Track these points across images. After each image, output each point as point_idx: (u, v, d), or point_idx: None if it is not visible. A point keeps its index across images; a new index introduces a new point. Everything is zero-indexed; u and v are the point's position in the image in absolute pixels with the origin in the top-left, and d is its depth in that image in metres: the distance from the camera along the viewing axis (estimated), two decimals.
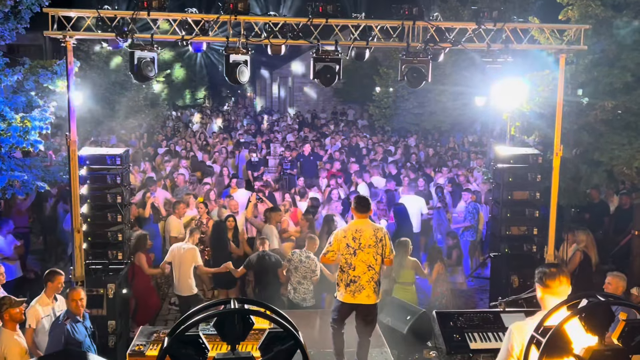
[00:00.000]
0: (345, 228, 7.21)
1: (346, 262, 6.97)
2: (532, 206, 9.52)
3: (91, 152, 9.05)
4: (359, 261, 6.91)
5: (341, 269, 7.06)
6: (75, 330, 6.67)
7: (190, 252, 9.28)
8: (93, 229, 8.71)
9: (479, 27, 8.54)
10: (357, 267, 6.92)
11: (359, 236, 6.95)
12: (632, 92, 9.62)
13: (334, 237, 7.12)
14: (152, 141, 21.01)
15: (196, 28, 8.06)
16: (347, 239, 6.98)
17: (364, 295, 6.93)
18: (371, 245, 6.93)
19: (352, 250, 6.92)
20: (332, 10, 8.13)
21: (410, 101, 23.06)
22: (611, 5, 9.85)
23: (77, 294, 6.84)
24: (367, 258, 6.92)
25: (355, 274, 6.93)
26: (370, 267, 6.93)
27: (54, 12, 8.00)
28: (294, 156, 17.70)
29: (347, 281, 6.97)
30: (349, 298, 6.98)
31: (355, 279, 6.93)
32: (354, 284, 6.93)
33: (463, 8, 21.40)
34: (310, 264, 8.99)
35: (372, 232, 6.98)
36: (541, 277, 4.21)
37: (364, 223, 7.05)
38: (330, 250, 7.06)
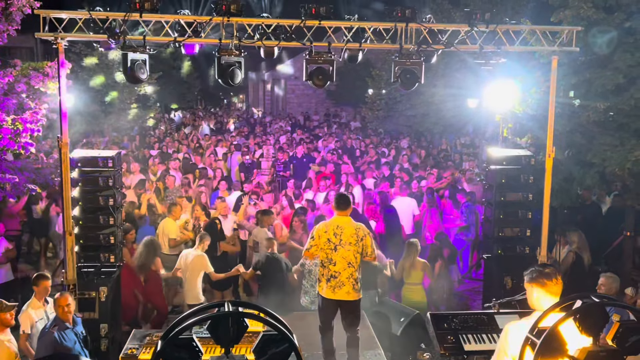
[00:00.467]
0: (326, 223, 7.31)
1: (327, 257, 7.07)
2: (525, 207, 9.54)
3: (83, 154, 8.99)
4: (339, 257, 7.01)
5: (322, 263, 7.15)
6: (63, 338, 6.57)
7: (198, 260, 9.20)
8: (85, 231, 8.66)
9: (472, 29, 8.56)
10: (338, 263, 7.02)
11: (340, 232, 7.05)
12: (624, 93, 9.65)
13: (315, 231, 7.22)
14: (145, 143, 20.93)
15: (188, 30, 8.03)
16: (328, 234, 7.08)
17: (343, 292, 7.03)
18: (352, 243, 7.03)
19: (333, 246, 7.02)
20: (325, 12, 8.14)
21: (402, 103, 23.09)
22: (603, 7, 9.88)
23: (64, 299, 6.75)
24: (348, 255, 7.01)
25: (335, 269, 7.03)
26: (350, 264, 7.02)
27: (46, 14, 7.95)
28: (286, 158, 17.68)
29: (328, 276, 7.08)
30: (330, 293, 7.09)
31: (335, 275, 7.03)
32: (335, 280, 7.04)
33: (455, 10, 21.46)
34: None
35: (354, 231, 7.08)
36: (537, 277, 4.21)
37: (345, 220, 7.15)
38: (313, 245, 7.16)
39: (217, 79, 8.31)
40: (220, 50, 8.09)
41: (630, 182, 9.85)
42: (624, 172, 9.49)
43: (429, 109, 22.34)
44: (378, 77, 24.49)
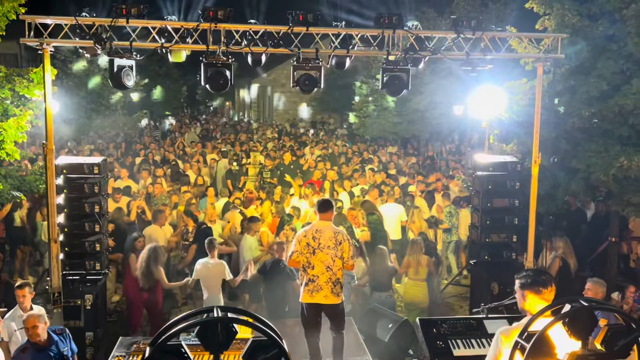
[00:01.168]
0: (306, 228, 7.35)
1: (307, 260, 7.08)
2: (511, 213, 9.58)
3: (69, 161, 8.93)
4: (317, 261, 7.01)
5: (303, 268, 7.15)
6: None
7: (218, 268, 9.13)
8: (70, 239, 8.58)
9: (458, 36, 8.62)
10: (316, 267, 7.02)
11: (318, 236, 7.06)
12: (608, 100, 9.74)
13: (296, 237, 7.25)
14: (130, 150, 20.83)
15: (176, 36, 8.01)
16: (307, 238, 7.08)
17: (321, 295, 7.02)
18: (330, 246, 7.02)
19: (312, 250, 7.03)
20: (312, 18, 8.16)
21: (389, 110, 23.17)
22: (587, 15, 9.99)
23: (29, 321, 6.20)
24: (326, 259, 7.01)
25: (313, 273, 7.03)
26: (328, 268, 7.01)
27: (31, 20, 7.89)
28: (274, 165, 17.65)
29: (307, 280, 7.08)
30: (307, 297, 7.08)
31: (313, 278, 7.03)
32: (312, 283, 7.03)
33: (441, 19, 21.64)
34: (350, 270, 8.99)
35: (332, 235, 7.07)
36: (532, 284, 4.20)
37: (325, 225, 7.15)
38: (295, 251, 7.15)
39: (203, 85, 8.30)
40: (207, 57, 8.07)
41: (615, 188, 9.93)
42: (609, 178, 9.57)
43: (415, 115, 22.46)
44: (365, 84, 24.59)
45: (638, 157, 9.28)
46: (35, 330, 6.19)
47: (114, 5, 7.75)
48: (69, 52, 21.40)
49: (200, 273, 9.14)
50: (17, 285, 7.39)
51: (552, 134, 10.06)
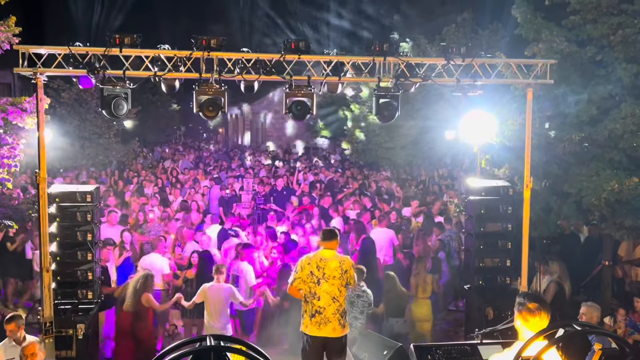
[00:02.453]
0: (310, 255, 7.18)
1: (310, 291, 6.88)
2: (504, 238, 9.61)
3: (61, 189, 8.91)
4: (323, 292, 6.83)
5: (305, 299, 6.94)
6: None
7: (227, 291, 9.11)
8: (62, 267, 8.53)
9: (448, 62, 8.73)
10: (322, 298, 6.83)
11: (323, 265, 6.89)
12: (598, 124, 9.85)
13: (299, 263, 7.08)
14: (123, 178, 20.79)
15: (169, 64, 8.07)
16: (311, 266, 6.91)
17: (329, 328, 6.84)
18: (336, 277, 6.88)
19: (316, 279, 6.85)
20: (304, 46, 8.25)
21: (381, 136, 23.26)
22: (575, 41, 10.15)
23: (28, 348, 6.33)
24: (332, 290, 6.84)
25: (320, 305, 6.85)
26: (335, 299, 6.85)
27: (25, 49, 7.94)
28: (267, 191, 17.66)
29: (312, 312, 6.87)
30: (314, 330, 6.88)
31: (320, 310, 6.85)
32: (320, 315, 6.85)
33: (431, 45, 21.87)
34: (368, 297, 8.94)
35: (338, 264, 6.93)
36: (521, 310, 4.21)
37: (330, 253, 7.00)
38: (296, 278, 6.96)
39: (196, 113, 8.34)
40: (200, 84, 8.13)
41: (607, 211, 9.98)
42: (600, 202, 9.62)
43: (407, 141, 22.56)
44: (357, 110, 24.71)
45: (629, 181, 9.35)
46: (33, 358, 6.26)
47: (108, 35, 7.81)
48: (62, 81, 21.47)
49: (202, 296, 9.07)
50: (15, 316, 7.32)
51: (543, 158, 10.13)
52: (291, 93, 8.44)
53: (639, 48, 9.78)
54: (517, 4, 10.37)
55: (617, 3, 9.99)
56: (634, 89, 9.89)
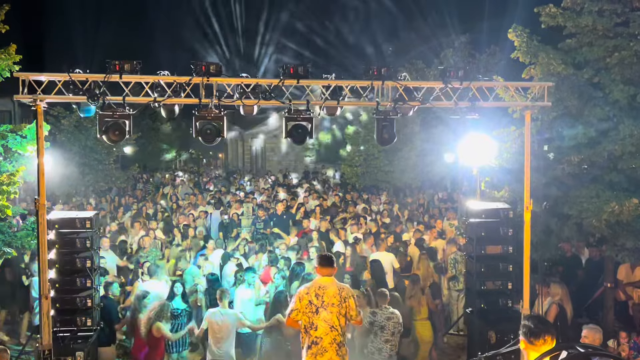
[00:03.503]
0: (308, 285, 6.86)
1: (308, 320, 6.61)
2: (505, 260, 9.57)
3: (60, 216, 8.90)
4: (321, 320, 6.55)
5: (305, 329, 6.66)
6: None
7: (234, 317, 9.03)
8: (61, 294, 8.47)
9: (446, 85, 8.78)
10: (320, 327, 6.55)
11: (322, 293, 6.62)
12: (597, 146, 9.87)
13: (296, 295, 6.80)
14: (122, 204, 20.78)
15: (168, 90, 8.12)
16: (309, 295, 6.64)
17: (326, 359, 6.52)
18: (334, 304, 6.58)
19: (315, 308, 6.58)
20: (302, 71, 8.30)
21: (380, 159, 23.35)
22: (572, 63, 10.22)
23: None
24: (330, 317, 6.55)
25: (317, 335, 6.56)
26: (332, 328, 6.55)
27: (25, 77, 7.99)
28: (267, 216, 17.62)
29: (309, 343, 6.59)
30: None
31: (317, 340, 6.55)
32: (316, 346, 6.54)
33: (429, 69, 22.05)
34: (397, 317, 8.88)
35: (337, 291, 6.65)
36: (526, 333, 4.18)
37: (328, 281, 6.73)
38: (293, 309, 6.70)
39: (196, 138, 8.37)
40: (199, 110, 8.17)
41: (608, 233, 9.95)
42: (601, 224, 9.60)
43: (406, 164, 22.63)
44: (356, 134, 24.84)
45: (629, 202, 9.34)
46: None
47: (108, 61, 7.87)
48: (62, 108, 21.58)
49: (210, 322, 8.98)
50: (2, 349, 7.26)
51: (543, 180, 10.13)
52: (291, 117, 8.48)
53: (635, 70, 9.86)
54: (514, 27, 10.46)
55: (612, 26, 10.09)
56: (632, 110, 9.94)
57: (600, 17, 10.08)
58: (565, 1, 10.45)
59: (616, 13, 10.15)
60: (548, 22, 10.53)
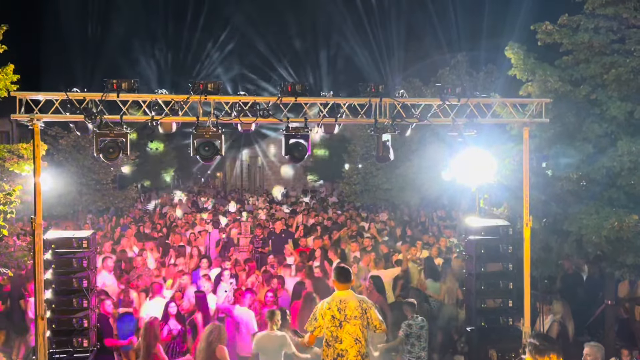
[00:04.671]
0: (328, 300, 6.94)
1: (332, 335, 6.72)
2: (505, 278, 9.50)
3: (57, 235, 8.83)
4: (345, 334, 6.69)
5: (327, 343, 6.77)
6: None
7: (280, 340, 8.64)
8: (57, 315, 8.38)
9: (444, 102, 8.79)
10: (344, 340, 6.68)
11: (344, 307, 6.74)
12: (595, 163, 9.84)
13: (318, 311, 6.88)
14: (119, 224, 20.70)
15: (166, 108, 8.11)
16: (332, 310, 6.75)
17: None
18: (357, 316, 6.73)
19: (338, 322, 6.71)
20: (300, 89, 8.31)
21: (379, 177, 23.35)
22: (569, 80, 10.24)
23: None
24: (354, 330, 6.70)
25: (342, 348, 6.69)
26: (357, 341, 6.69)
27: (22, 96, 7.99)
28: (265, 234, 17.55)
29: (334, 355, 6.71)
30: None
31: (342, 353, 6.68)
32: (342, 358, 6.68)
33: (426, 88, 22.14)
34: (427, 325, 9.50)
35: (357, 304, 6.78)
36: (532, 350, 4.16)
37: (348, 294, 6.86)
38: (316, 327, 6.80)
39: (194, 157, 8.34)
40: (197, 128, 8.15)
41: (608, 250, 9.90)
42: (601, 240, 9.55)
43: (404, 182, 22.62)
44: (354, 152, 24.87)
45: (629, 218, 9.29)
46: None
47: (105, 80, 7.87)
48: (60, 128, 21.58)
49: (260, 345, 8.70)
50: None
51: (542, 197, 10.10)
52: (289, 135, 8.47)
53: (632, 86, 9.87)
54: (510, 45, 10.50)
55: (608, 43, 10.14)
56: (630, 126, 9.94)
57: (597, 34, 10.13)
58: (561, 18, 10.51)
59: (612, 30, 10.21)
60: (544, 40, 10.58)
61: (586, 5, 10.36)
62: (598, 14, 10.23)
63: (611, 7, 10.08)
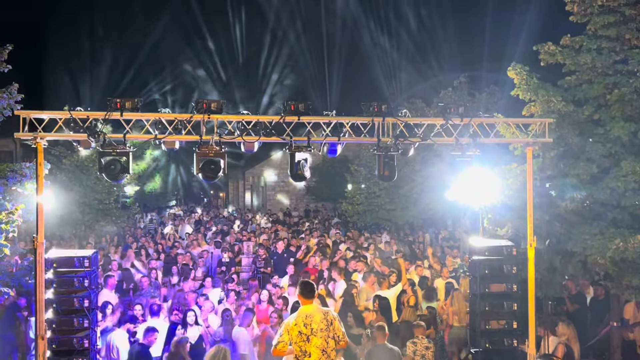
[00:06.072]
0: (294, 316, 7.19)
1: (300, 350, 6.94)
2: (510, 299, 9.41)
3: (59, 255, 8.78)
4: (313, 347, 6.90)
5: (296, 358, 6.97)
6: None
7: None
8: (58, 335, 8.31)
9: (447, 122, 8.79)
10: (313, 354, 6.90)
11: (309, 322, 6.96)
12: (599, 183, 9.82)
13: (283, 327, 7.13)
14: (122, 244, 20.64)
15: (169, 127, 8.12)
16: (298, 326, 6.97)
17: None
18: (322, 329, 6.95)
19: (305, 337, 6.92)
20: (303, 108, 8.33)
21: (381, 197, 23.28)
22: (572, 100, 10.25)
23: None
24: (321, 343, 6.91)
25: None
26: (324, 352, 6.91)
27: (26, 115, 8.01)
28: (267, 254, 17.48)
29: None
30: None
31: None
32: None
33: (428, 108, 22.17)
34: (434, 349, 9.47)
35: (322, 316, 7.02)
36: None
37: (312, 308, 7.11)
38: (280, 341, 7.01)
39: (196, 176, 8.34)
40: (200, 147, 8.15)
41: (613, 271, 9.82)
42: (606, 261, 9.48)
43: (407, 202, 22.56)
44: (356, 172, 24.84)
45: (634, 239, 9.23)
46: None
47: (108, 99, 7.89)
48: (64, 148, 21.62)
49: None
50: None
51: (546, 217, 10.05)
52: (291, 154, 8.48)
53: (635, 107, 9.88)
54: (513, 65, 10.52)
55: (611, 64, 10.16)
56: (633, 146, 9.93)
57: (599, 55, 10.16)
58: (563, 39, 10.55)
59: (615, 51, 10.25)
60: (547, 60, 10.62)
61: (588, 26, 10.42)
62: (600, 35, 10.28)
63: (613, 28, 10.14)
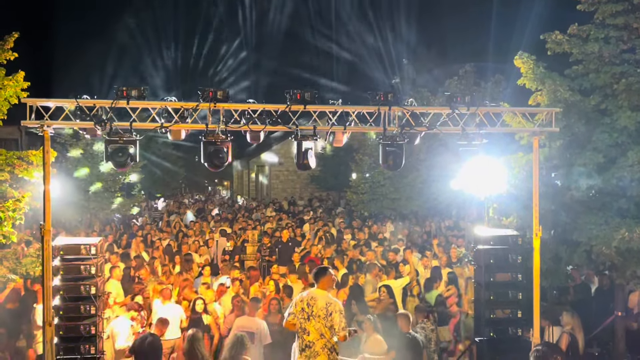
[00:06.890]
0: (303, 294, 7.53)
1: (301, 326, 7.20)
2: (515, 288, 9.43)
3: (65, 242, 8.84)
4: (311, 327, 7.14)
5: (297, 334, 7.26)
6: None
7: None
8: (65, 322, 8.37)
9: (453, 111, 8.77)
10: (311, 333, 7.13)
11: (312, 303, 7.20)
12: (605, 172, 9.78)
13: (293, 301, 7.44)
14: (127, 231, 20.72)
15: (175, 116, 8.13)
16: (303, 303, 7.26)
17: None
18: (320, 316, 7.12)
19: (306, 315, 7.18)
20: (309, 97, 8.32)
21: (386, 187, 23.29)
22: (578, 90, 10.20)
23: None
24: (319, 327, 7.11)
25: (309, 339, 7.12)
26: (322, 335, 7.11)
27: (32, 103, 8.02)
28: (272, 243, 17.53)
29: (302, 346, 7.16)
30: None
31: (310, 344, 7.11)
32: (309, 349, 7.11)
33: (434, 98, 22.12)
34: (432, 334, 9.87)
35: (324, 305, 7.15)
36: (536, 357, 4.15)
37: (320, 294, 7.29)
38: (291, 313, 7.30)
39: (202, 165, 8.35)
40: (206, 135, 8.16)
41: (618, 260, 9.81)
42: (611, 251, 9.48)
43: (412, 191, 22.57)
44: (361, 161, 24.84)
45: (639, 229, 9.22)
46: None
47: (115, 87, 7.90)
48: (69, 136, 21.68)
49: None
50: None
51: (551, 206, 10.04)
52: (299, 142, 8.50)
53: None
54: (520, 54, 10.47)
55: (618, 53, 10.10)
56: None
57: (607, 44, 10.10)
58: (571, 28, 10.49)
59: (622, 40, 10.18)
60: (554, 49, 10.56)
61: (596, 15, 10.35)
62: (608, 24, 10.21)
63: (621, 17, 10.07)
